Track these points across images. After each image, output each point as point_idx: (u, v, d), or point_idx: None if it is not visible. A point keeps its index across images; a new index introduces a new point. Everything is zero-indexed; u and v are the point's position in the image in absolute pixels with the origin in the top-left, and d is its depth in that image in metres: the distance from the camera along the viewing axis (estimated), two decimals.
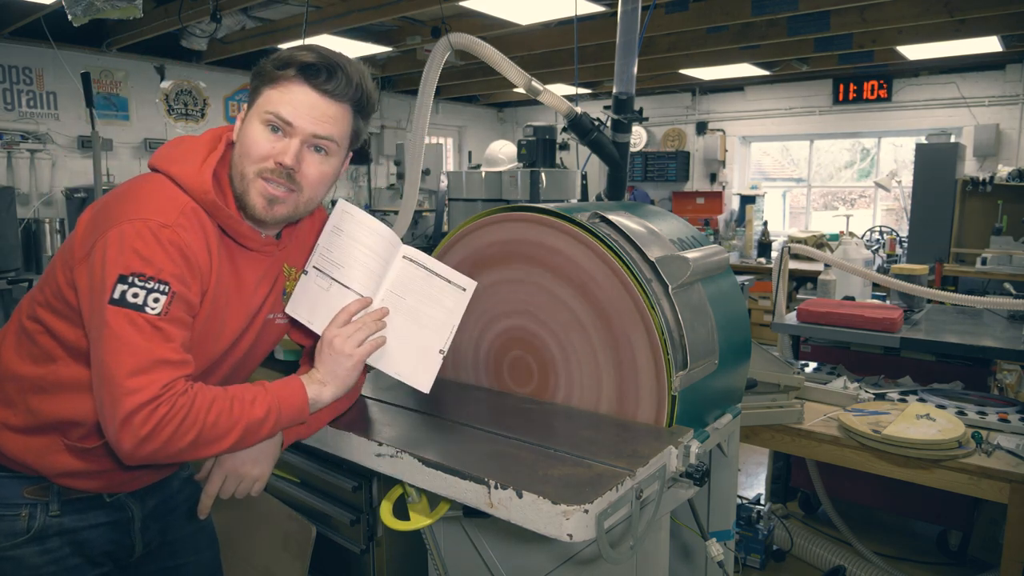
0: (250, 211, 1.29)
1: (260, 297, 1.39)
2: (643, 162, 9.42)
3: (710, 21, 5.48)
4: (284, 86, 1.25)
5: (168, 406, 1.12)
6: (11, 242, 5.25)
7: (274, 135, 1.26)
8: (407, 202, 3.23)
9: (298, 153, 1.26)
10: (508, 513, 1.14)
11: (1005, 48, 6.17)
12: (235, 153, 1.29)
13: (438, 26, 5.84)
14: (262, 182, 1.27)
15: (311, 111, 1.26)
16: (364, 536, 2.32)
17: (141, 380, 1.11)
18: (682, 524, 1.77)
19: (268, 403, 1.24)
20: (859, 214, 8.83)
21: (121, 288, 1.13)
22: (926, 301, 3.50)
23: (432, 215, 7.53)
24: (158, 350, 1.14)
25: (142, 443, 1.11)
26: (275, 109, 1.25)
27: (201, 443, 1.17)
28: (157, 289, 1.15)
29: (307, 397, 1.30)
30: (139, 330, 1.13)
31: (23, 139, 6.18)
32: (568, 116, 2.34)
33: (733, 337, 1.68)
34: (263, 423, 1.23)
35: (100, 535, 1.39)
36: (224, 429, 1.19)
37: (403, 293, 1.43)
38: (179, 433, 1.13)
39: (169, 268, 1.16)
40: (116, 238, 1.15)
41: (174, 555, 1.54)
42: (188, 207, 1.22)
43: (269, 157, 1.26)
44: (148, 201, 1.20)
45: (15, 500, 1.31)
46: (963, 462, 2.00)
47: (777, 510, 3.29)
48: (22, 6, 5.06)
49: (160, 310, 1.14)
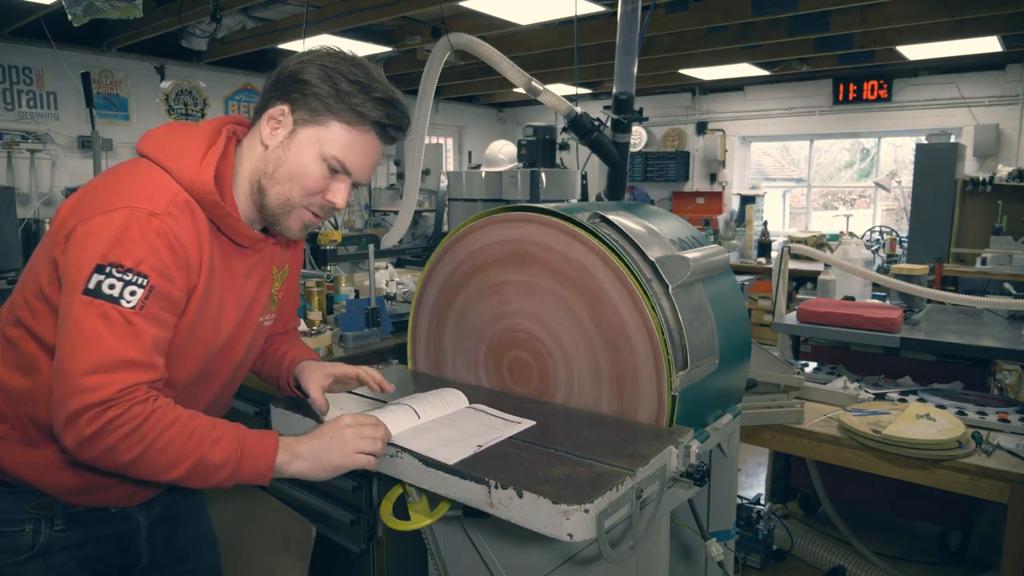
0: (282, 231, 1.30)
1: (251, 292, 1.37)
2: (643, 162, 9.43)
3: (710, 21, 5.48)
4: (358, 134, 1.24)
5: (119, 410, 1.06)
6: (11, 242, 5.25)
7: (331, 174, 1.25)
8: (407, 202, 3.23)
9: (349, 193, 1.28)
10: (508, 513, 1.14)
11: (1005, 48, 6.17)
12: (279, 172, 1.25)
13: (438, 26, 5.85)
14: (307, 213, 1.27)
15: (372, 162, 1.28)
16: (364, 536, 2.32)
17: (100, 379, 1.06)
18: (682, 524, 1.77)
19: (229, 451, 1.14)
20: (859, 214, 8.83)
21: (98, 278, 1.08)
22: (926, 301, 3.49)
23: (432, 215, 7.54)
24: (125, 349, 1.08)
25: (83, 445, 1.06)
26: (343, 159, 1.24)
27: (143, 465, 1.09)
28: (135, 282, 1.09)
29: (274, 463, 1.18)
30: (110, 325, 1.07)
31: (23, 139, 6.18)
32: (568, 116, 2.34)
33: (733, 337, 1.68)
34: (217, 470, 1.14)
35: (106, 548, 1.36)
36: (172, 459, 1.10)
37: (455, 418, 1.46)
38: (123, 446, 1.07)
39: (150, 260, 1.11)
40: (99, 226, 1.10)
41: (178, 562, 1.52)
42: (180, 198, 1.17)
43: (320, 193, 1.26)
44: (137, 189, 1.15)
45: (18, 515, 1.27)
46: (963, 462, 2.00)
47: (777, 510, 3.29)
48: (22, 6, 5.06)
49: (136, 304, 1.09)
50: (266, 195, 1.26)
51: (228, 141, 1.29)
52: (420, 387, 1.75)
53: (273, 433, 1.22)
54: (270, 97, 1.25)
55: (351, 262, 6.12)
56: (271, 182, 1.25)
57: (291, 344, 1.59)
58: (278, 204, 1.26)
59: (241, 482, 1.17)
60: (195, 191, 1.20)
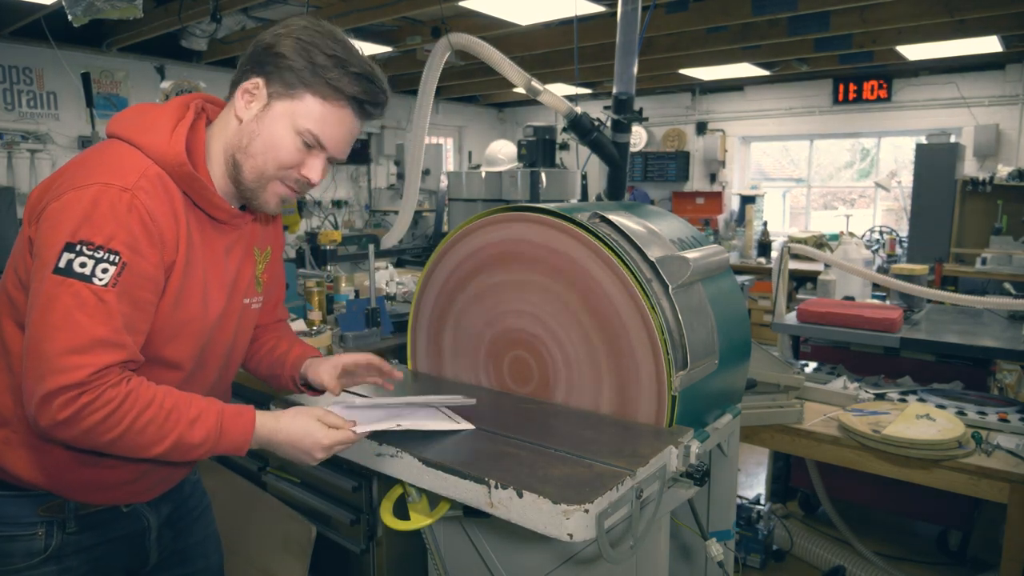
0: (259, 205, 1.28)
1: (233, 270, 1.35)
2: (643, 162, 9.43)
3: (710, 21, 5.48)
4: (334, 109, 1.22)
5: (93, 395, 1.06)
6: (11, 242, 5.24)
7: (305, 148, 1.23)
8: (407, 202, 3.23)
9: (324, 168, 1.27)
10: (508, 513, 1.14)
11: (1005, 48, 6.17)
12: (253, 145, 1.23)
13: (438, 26, 5.85)
14: (281, 186, 1.26)
15: (348, 137, 1.26)
16: (364, 536, 2.32)
17: (73, 360, 1.05)
18: (682, 524, 1.77)
19: (208, 430, 1.16)
20: (859, 214, 8.83)
21: (68, 257, 1.06)
22: (926, 301, 3.50)
23: (432, 215, 7.54)
24: (97, 328, 1.07)
25: (57, 427, 1.07)
26: (317, 133, 1.22)
27: (122, 446, 1.11)
28: (106, 259, 1.08)
29: (251, 439, 1.20)
30: (81, 304, 1.06)
31: (23, 139, 6.19)
32: (568, 116, 2.34)
33: (733, 337, 1.68)
34: (196, 448, 1.16)
35: (117, 549, 1.36)
36: (150, 439, 1.11)
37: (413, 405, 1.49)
38: (101, 428, 1.08)
39: (121, 236, 1.09)
40: (69, 202, 1.09)
41: (184, 563, 1.51)
42: (151, 171, 1.15)
43: (295, 167, 1.24)
44: (108, 166, 1.13)
45: (30, 519, 1.26)
46: (963, 462, 2.00)
47: (777, 510, 3.29)
48: (22, 6, 5.06)
49: (108, 281, 1.07)
50: (241, 169, 1.24)
51: (198, 115, 1.27)
52: (420, 387, 1.75)
53: (249, 408, 1.23)
54: (245, 70, 1.23)
55: (351, 262, 6.12)
56: (245, 156, 1.23)
57: (289, 342, 1.59)
58: (253, 178, 1.24)
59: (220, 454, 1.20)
60: (167, 163, 1.17)
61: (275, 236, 1.52)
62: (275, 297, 1.59)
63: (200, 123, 1.27)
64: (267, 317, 1.58)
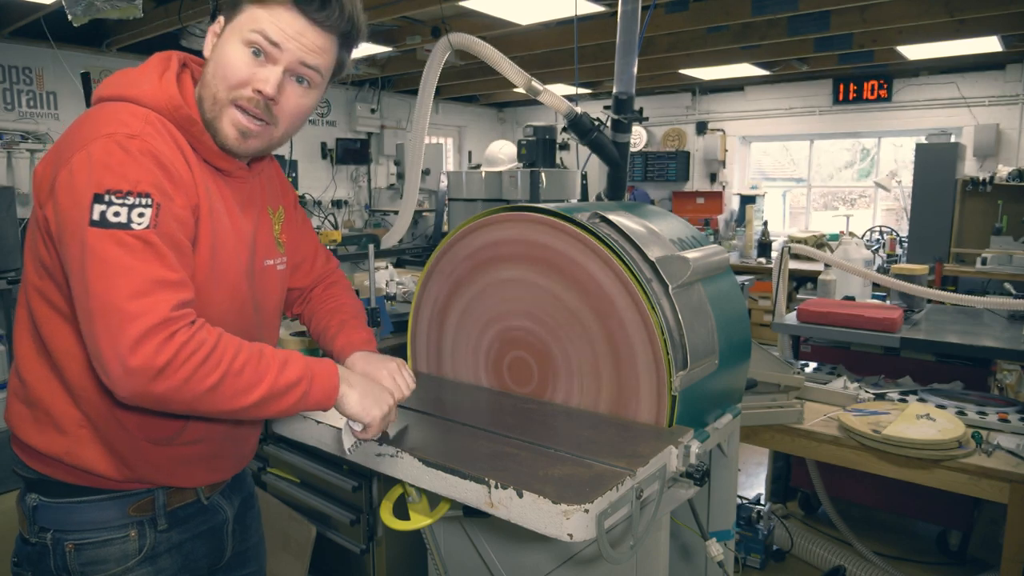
0: (221, 140, 1.19)
1: (250, 226, 1.30)
2: (643, 162, 9.42)
3: (710, 21, 5.48)
4: (272, 8, 1.15)
5: (187, 335, 0.98)
6: (11, 242, 5.24)
7: (255, 60, 1.15)
8: (407, 202, 3.23)
9: (280, 82, 1.16)
10: (508, 513, 1.14)
11: (1005, 48, 6.17)
12: (207, 73, 1.18)
13: (438, 26, 5.84)
14: (236, 111, 1.17)
15: (300, 38, 1.16)
16: (364, 536, 2.32)
17: (144, 303, 0.96)
18: (682, 524, 1.77)
19: (300, 370, 1.10)
20: (859, 214, 8.82)
21: (99, 208, 1.00)
22: (926, 301, 3.50)
23: (432, 215, 7.54)
24: (154, 269, 1.00)
25: (155, 379, 0.96)
26: (262, 28, 1.14)
27: (221, 393, 1.02)
28: (139, 203, 1.01)
29: (338, 380, 1.16)
30: (129, 250, 0.99)
31: (23, 139, 6.18)
32: (568, 116, 2.34)
33: (733, 337, 1.68)
34: (291, 388, 1.08)
35: (202, 545, 1.35)
36: (249, 381, 1.04)
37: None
38: (202, 372, 0.99)
39: (147, 179, 1.04)
40: (81, 161, 1.04)
41: (244, 564, 1.50)
42: (152, 116, 1.11)
43: (248, 84, 1.15)
44: (105, 120, 1.09)
45: (121, 521, 1.22)
46: (963, 462, 2.00)
47: (777, 510, 3.29)
48: (22, 6, 5.06)
49: (148, 223, 1.01)
50: (202, 104, 1.18)
51: (182, 66, 1.24)
52: (420, 387, 1.75)
53: (327, 359, 1.20)
54: (213, 21, 1.21)
55: (351, 262, 6.12)
56: (203, 87, 1.18)
57: (339, 322, 1.51)
58: (209, 107, 1.17)
59: (307, 408, 1.13)
60: (163, 108, 1.14)
61: (285, 193, 1.47)
62: (302, 254, 1.53)
63: (186, 75, 1.23)
64: (306, 278, 1.54)
